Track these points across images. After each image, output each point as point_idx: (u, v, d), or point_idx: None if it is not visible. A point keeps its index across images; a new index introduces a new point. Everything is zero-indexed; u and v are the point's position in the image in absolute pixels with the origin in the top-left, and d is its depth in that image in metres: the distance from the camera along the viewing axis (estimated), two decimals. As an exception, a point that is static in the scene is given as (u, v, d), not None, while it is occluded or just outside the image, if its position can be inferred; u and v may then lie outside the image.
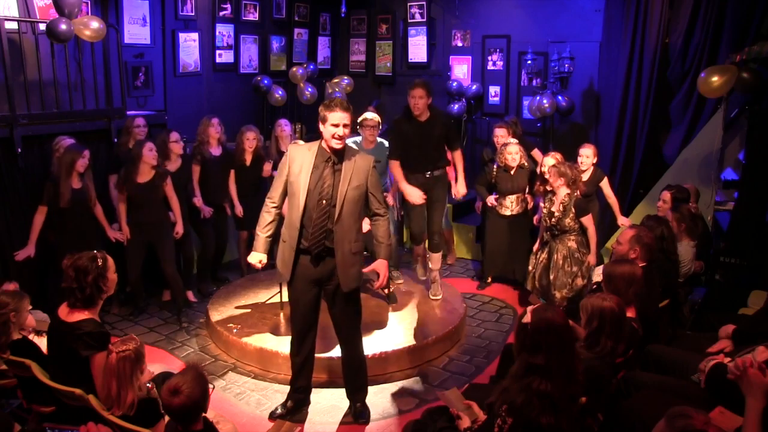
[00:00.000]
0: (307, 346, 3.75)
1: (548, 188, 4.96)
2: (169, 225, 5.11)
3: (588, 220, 4.88)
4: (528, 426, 2.31)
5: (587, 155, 5.37)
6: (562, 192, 4.86)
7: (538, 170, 5.57)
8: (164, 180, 4.98)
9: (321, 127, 3.45)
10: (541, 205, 5.12)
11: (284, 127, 6.09)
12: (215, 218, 5.74)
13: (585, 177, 5.43)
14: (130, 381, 2.64)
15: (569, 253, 4.87)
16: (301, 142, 4.93)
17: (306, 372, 3.81)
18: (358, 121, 5.25)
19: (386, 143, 5.29)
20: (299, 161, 3.48)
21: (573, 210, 4.82)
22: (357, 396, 3.84)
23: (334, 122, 3.39)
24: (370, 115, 5.27)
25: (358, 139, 5.33)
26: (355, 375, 3.82)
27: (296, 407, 3.84)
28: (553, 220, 4.88)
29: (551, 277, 4.91)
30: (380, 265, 3.62)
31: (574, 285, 4.85)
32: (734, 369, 2.39)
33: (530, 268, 5.20)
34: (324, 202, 3.44)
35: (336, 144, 3.42)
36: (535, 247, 5.23)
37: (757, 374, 2.26)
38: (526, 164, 5.59)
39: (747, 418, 2.25)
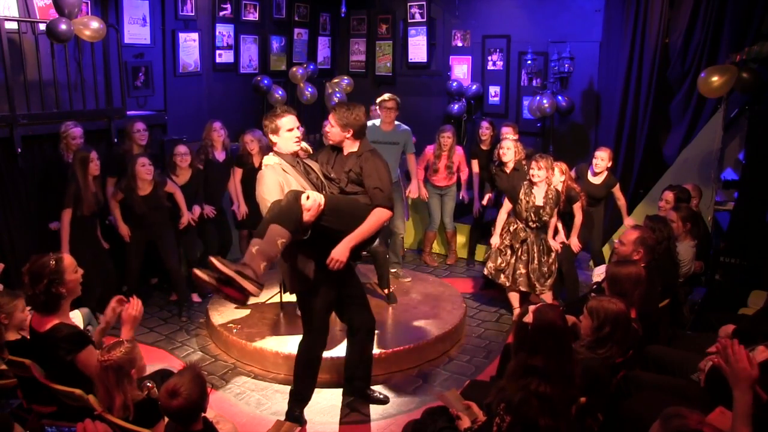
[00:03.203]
0: None
1: (532, 177, 4.87)
2: (170, 221, 5.18)
3: (577, 207, 5.00)
4: (526, 424, 2.31)
5: (602, 158, 5.36)
6: (543, 186, 4.86)
7: (497, 152, 5.65)
8: (164, 187, 5.06)
9: (275, 138, 3.41)
10: (519, 199, 4.96)
11: None
12: (217, 221, 5.78)
13: (598, 180, 5.44)
14: (116, 387, 2.63)
15: (543, 245, 4.96)
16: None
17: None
18: (377, 101, 5.36)
19: (405, 126, 5.41)
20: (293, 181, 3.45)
21: (561, 201, 4.89)
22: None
23: (290, 126, 3.39)
24: (388, 96, 5.29)
25: (377, 121, 5.35)
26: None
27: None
28: (542, 212, 4.85)
29: (531, 267, 4.95)
30: None
31: (552, 271, 4.97)
32: (719, 348, 2.36)
33: (500, 262, 5.03)
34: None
35: (297, 146, 3.43)
36: (497, 243, 5.05)
37: (744, 368, 2.23)
38: (524, 164, 5.58)
39: (736, 412, 2.22)
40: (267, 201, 3.26)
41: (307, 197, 3.11)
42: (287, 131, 3.39)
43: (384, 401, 4.02)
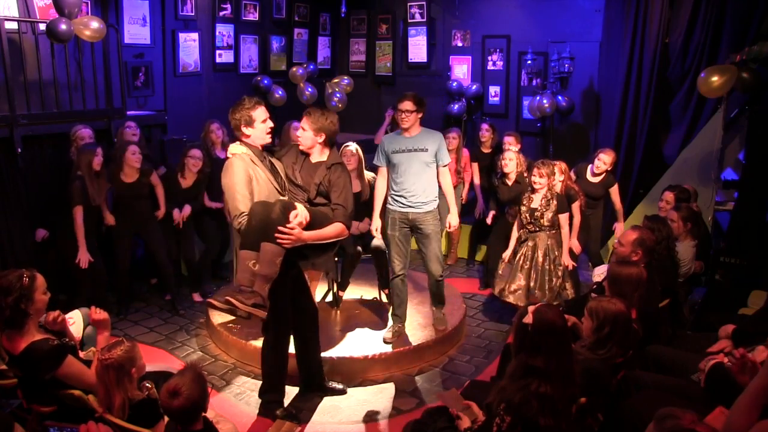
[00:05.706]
0: None
1: (534, 185, 4.82)
2: (154, 215, 5.19)
3: (565, 219, 4.79)
4: (526, 424, 2.31)
5: (604, 161, 5.30)
6: (543, 191, 4.80)
7: (499, 164, 5.58)
8: (149, 177, 5.08)
9: (249, 130, 3.39)
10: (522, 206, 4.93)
11: (296, 132, 6.06)
12: (218, 219, 5.77)
13: (596, 180, 5.42)
14: (116, 386, 2.63)
15: (548, 250, 4.80)
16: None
17: None
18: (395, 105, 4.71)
19: (435, 132, 4.62)
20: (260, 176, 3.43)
21: (555, 204, 4.77)
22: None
23: (264, 117, 3.43)
24: (404, 95, 4.59)
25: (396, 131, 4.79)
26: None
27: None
28: (537, 214, 4.80)
29: (533, 275, 4.81)
30: None
31: (554, 285, 4.77)
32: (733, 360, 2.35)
33: (500, 272, 4.98)
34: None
35: (269, 138, 3.48)
36: (508, 255, 4.98)
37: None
38: (526, 176, 5.53)
39: (748, 389, 2.17)
40: (236, 191, 3.27)
41: (296, 215, 3.16)
42: (262, 122, 3.41)
43: (342, 392, 4.05)
